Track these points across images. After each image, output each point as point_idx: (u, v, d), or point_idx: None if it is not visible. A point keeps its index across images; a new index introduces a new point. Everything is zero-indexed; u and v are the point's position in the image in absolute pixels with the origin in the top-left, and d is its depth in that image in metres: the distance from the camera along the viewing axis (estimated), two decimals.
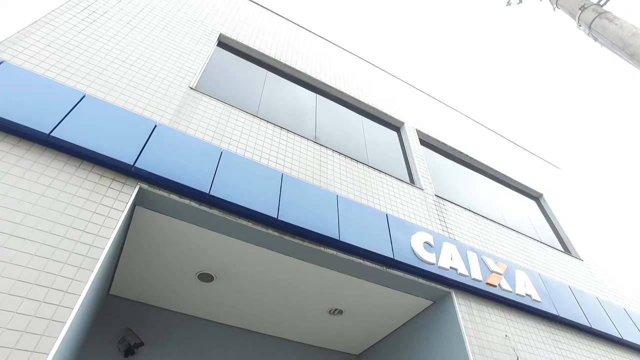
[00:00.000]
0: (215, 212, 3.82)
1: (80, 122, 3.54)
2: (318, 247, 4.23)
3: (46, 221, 2.89)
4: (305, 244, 4.18)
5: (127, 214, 3.39)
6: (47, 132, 3.26)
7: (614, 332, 5.81)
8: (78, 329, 3.22)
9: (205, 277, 4.66)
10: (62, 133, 3.33)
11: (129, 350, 4.50)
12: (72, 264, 2.79)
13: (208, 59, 5.82)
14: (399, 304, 5.10)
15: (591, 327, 5.61)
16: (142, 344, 4.56)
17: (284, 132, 5.39)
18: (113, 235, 3.11)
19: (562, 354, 5.05)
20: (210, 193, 3.76)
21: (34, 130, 3.22)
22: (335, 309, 5.26)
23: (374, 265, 4.48)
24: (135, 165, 3.52)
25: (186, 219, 3.89)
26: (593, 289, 6.77)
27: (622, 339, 5.81)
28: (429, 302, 5.08)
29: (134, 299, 5.01)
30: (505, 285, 5.22)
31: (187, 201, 3.71)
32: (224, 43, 6.54)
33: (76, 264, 2.80)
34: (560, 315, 5.42)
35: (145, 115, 4.20)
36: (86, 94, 3.86)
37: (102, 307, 4.69)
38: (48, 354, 2.38)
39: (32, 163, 3.16)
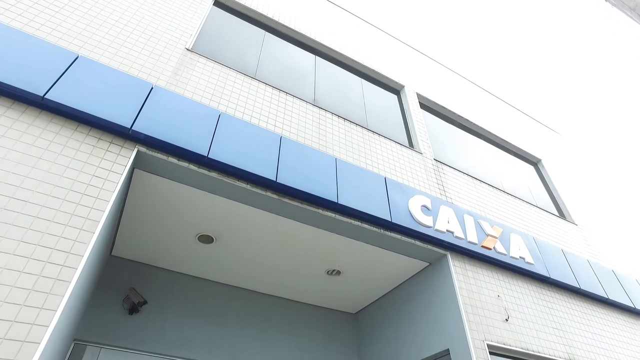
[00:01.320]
0: (214, 174, 3.83)
1: (75, 84, 3.48)
2: (317, 210, 4.29)
3: (46, 184, 2.90)
4: (304, 206, 4.23)
5: (126, 176, 3.41)
6: (41, 95, 3.21)
7: (601, 293, 6.01)
8: (83, 288, 3.32)
9: (205, 239, 4.75)
10: (57, 95, 3.28)
11: (133, 309, 4.66)
12: (74, 225, 2.84)
13: (204, 19, 5.63)
14: (395, 265, 5.24)
15: (580, 288, 5.80)
16: (145, 302, 4.72)
17: (282, 94, 5.31)
18: (113, 197, 3.14)
19: (551, 313, 5.25)
20: (209, 156, 3.76)
21: (27, 92, 3.17)
22: (334, 270, 5.41)
23: (371, 228, 4.56)
24: (133, 128, 3.49)
25: (185, 181, 3.91)
26: (585, 252, 6.94)
27: (608, 298, 6.03)
28: (425, 264, 5.21)
29: (137, 259, 5.13)
30: (500, 248, 5.34)
31: (185, 164, 3.72)
32: (220, 2, 6.31)
33: (78, 226, 2.85)
34: (552, 277, 5.59)
35: (141, 77, 4.12)
36: (80, 55, 3.77)
37: (105, 268, 4.81)
38: (56, 311, 2.47)
39: (28, 126, 3.13)
